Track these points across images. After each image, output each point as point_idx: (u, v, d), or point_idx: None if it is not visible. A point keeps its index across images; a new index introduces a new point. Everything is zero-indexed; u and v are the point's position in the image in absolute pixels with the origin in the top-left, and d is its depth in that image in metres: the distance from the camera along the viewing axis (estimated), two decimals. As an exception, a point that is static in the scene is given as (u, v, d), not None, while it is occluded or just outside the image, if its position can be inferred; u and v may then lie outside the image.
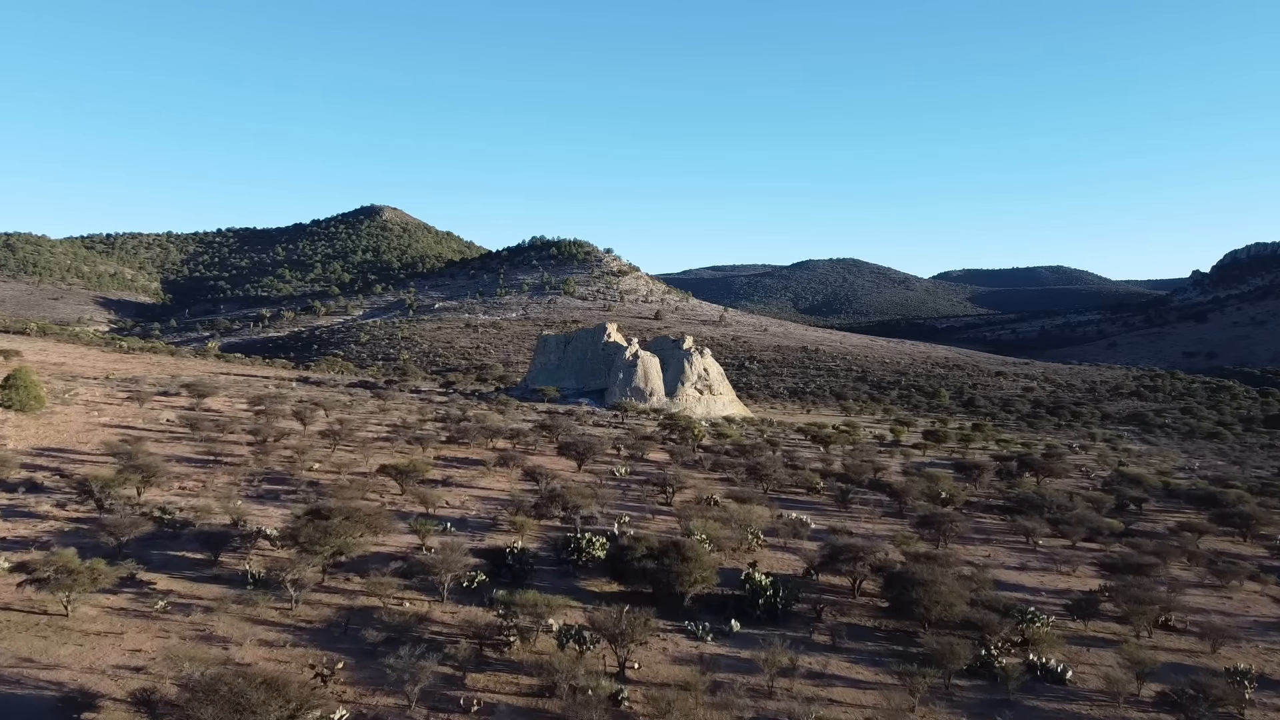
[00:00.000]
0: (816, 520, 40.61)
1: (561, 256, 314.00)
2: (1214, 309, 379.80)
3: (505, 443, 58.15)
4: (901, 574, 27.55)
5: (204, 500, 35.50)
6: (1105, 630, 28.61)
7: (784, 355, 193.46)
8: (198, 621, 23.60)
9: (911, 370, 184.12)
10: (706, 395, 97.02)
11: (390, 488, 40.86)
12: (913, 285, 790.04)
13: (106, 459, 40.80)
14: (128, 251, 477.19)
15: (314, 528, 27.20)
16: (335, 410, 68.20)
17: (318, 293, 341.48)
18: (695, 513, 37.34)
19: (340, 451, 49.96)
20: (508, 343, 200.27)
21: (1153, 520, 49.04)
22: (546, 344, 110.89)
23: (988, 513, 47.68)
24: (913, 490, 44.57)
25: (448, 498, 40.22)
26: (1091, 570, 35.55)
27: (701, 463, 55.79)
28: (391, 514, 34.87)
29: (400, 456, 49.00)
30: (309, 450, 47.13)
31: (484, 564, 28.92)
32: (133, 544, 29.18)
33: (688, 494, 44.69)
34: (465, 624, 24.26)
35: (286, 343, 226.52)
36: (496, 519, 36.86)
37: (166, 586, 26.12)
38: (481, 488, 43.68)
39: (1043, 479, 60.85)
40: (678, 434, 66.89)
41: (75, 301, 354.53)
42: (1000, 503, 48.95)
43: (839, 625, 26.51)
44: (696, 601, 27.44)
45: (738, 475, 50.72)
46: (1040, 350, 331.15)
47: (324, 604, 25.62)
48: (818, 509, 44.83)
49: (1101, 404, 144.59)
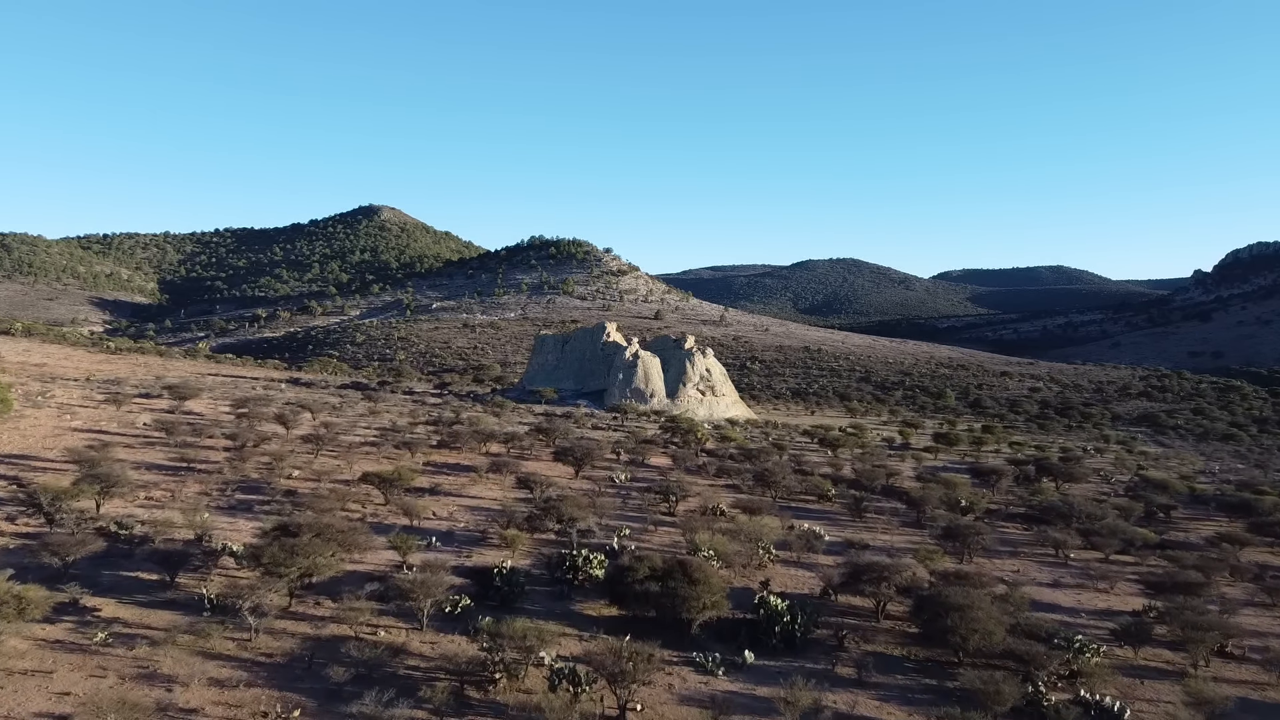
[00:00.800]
0: (830, 531, 37.85)
1: (560, 256, 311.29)
2: (1218, 308, 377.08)
3: (499, 447, 55.41)
4: (933, 597, 24.77)
5: (169, 512, 32.76)
6: (1157, 658, 25.85)
7: (786, 355, 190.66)
8: (142, 656, 20.81)
9: (915, 370, 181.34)
10: (709, 396, 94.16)
11: (373, 497, 38.10)
12: (913, 285, 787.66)
13: (69, 466, 38.04)
14: (124, 252, 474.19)
15: (279, 547, 24.43)
16: (323, 413, 65.44)
17: (314, 293, 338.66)
18: (701, 524, 34.55)
19: (324, 457, 47.19)
20: (506, 343, 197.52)
21: (1184, 529, 46.25)
22: (544, 344, 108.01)
23: (1010, 522, 44.93)
24: (931, 498, 41.79)
25: (435, 508, 37.46)
26: (1132, 588, 32.79)
27: (705, 468, 53.02)
28: (371, 528, 32.13)
29: (387, 463, 46.24)
30: (289, 456, 44.35)
31: (469, 585, 26.19)
32: (81, 563, 26.40)
33: (692, 503, 41.93)
34: (445, 658, 21.52)
35: (282, 343, 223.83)
36: (486, 532, 34.09)
37: (112, 613, 23.34)
38: (472, 496, 40.89)
39: (1062, 484, 58.14)
40: (680, 437, 64.12)
41: (70, 302, 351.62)
42: (1023, 511, 46.21)
43: (865, 657, 23.74)
44: (705, 628, 24.68)
45: (744, 482, 47.94)
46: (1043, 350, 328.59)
47: (288, 633, 22.85)
48: (830, 519, 42.09)
49: (1110, 405, 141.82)
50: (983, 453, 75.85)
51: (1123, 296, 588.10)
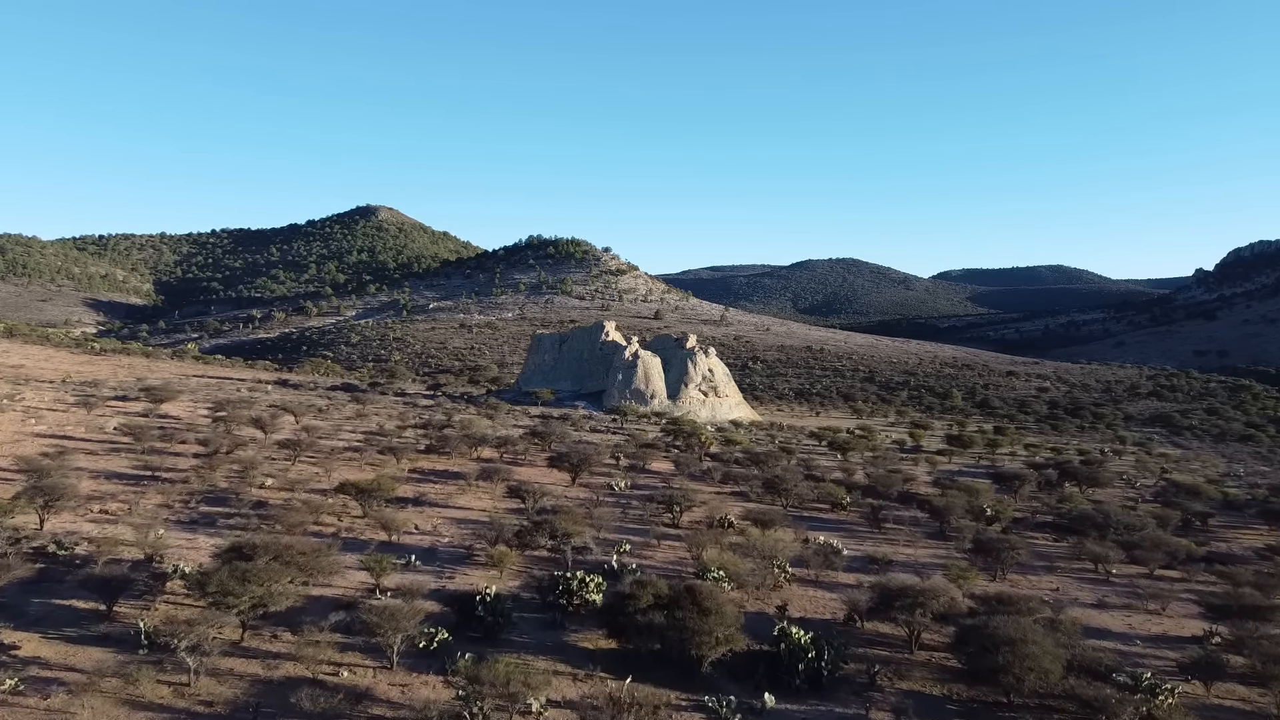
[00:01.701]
0: (848, 544, 34.75)
1: (559, 255, 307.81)
2: (1222, 307, 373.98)
3: (492, 452, 52.29)
4: (979, 629, 21.65)
5: (121, 528, 29.62)
6: (1230, 694, 22.75)
7: (788, 355, 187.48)
8: (55, 708, 17.67)
9: (920, 370, 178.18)
10: (711, 397, 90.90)
11: (350, 509, 34.95)
12: (913, 285, 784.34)
13: (19, 476, 34.89)
14: (120, 253, 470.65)
15: (229, 573, 21.28)
16: (307, 416, 62.27)
17: (310, 294, 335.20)
18: (709, 539, 31.42)
19: (302, 464, 44.03)
20: (503, 343, 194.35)
21: (1225, 539, 43.17)
22: (541, 343, 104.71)
23: (1039, 532, 41.79)
24: (955, 507, 38.65)
25: (417, 520, 34.33)
26: (1186, 608, 29.67)
27: (710, 474, 49.89)
28: (345, 545, 29.00)
29: (369, 470, 43.12)
30: (263, 464, 41.25)
31: (449, 613, 23.08)
32: (9, 590, 23.31)
33: (698, 513, 38.80)
34: (416, 707, 18.38)
35: (276, 344, 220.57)
36: (472, 549, 30.95)
37: (33, 651, 20.20)
38: (458, 507, 37.76)
39: (1086, 489, 55.01)
40: (682, 440, 60.97)
41: (64, 303, 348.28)
42: (1053, 520, 43.04)
43: (903, 699, 20.63)
44: (718, 665, 21.55)
45: (753, 489, 44.84)
46: (1046, 349, 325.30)
47: (235, 675, 19.70)
48: (847, 530, 38.98)
49: (1121, 405, 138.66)
50: (997, 455, 72.72)
51: (1124, 295, 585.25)
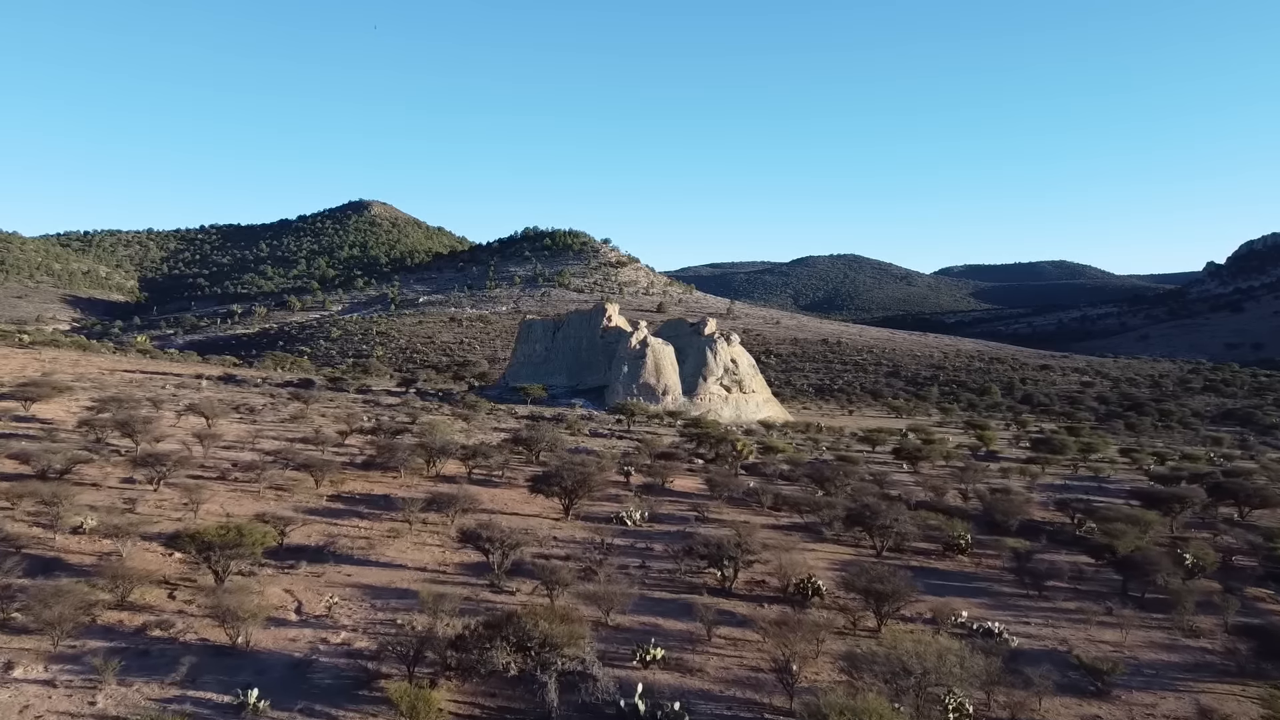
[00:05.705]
0: (1001, 619, 21.04)
1: (556, 247, 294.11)
2: (1247, 299, 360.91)
3: (457, 466, 38.46)
4: None
5: None
6: None
7: (803, 349, 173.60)
8: None
9: (948, 364, 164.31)
10: (735, 393, 76.70)
11: (191, 579, 21.06)
12: (914, 281, 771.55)
13: None
14: (105, 249, 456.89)
15: None
16: (226, 419, 48.34)
17: (295, 288, 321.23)
18: (801, 635, 17.49)
19: (171, 487, 30.06)
20: (495, 338, 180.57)
21: None
22: (531, 331, 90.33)
23: (1254, 585, 27.96)
24: (1162, 562, 24.69)
25: (304, 595, 20.43)
26: None
27: (757, 496, 35.98)
28: (140, 662, 15.07)
29: (266, 498, 29.26)
30: (103, 490, 27.31)
31: None
32: None
33: (758, 569, 24.86)
34: None
35: (253, 340, 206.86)
36: (380, 663, 16.96)
37: None
38: (383, 564, 23.80)
39: (1246, 512, 41.22)
40: (710, 448, 47.07)
41: (41, 300, 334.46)
42: (1262, 567, 29.10)
43: None
44: None
45: (826, 521, 30.88)
46: (1063, 343, 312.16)
47: None
48: (981, 589, 25.13)
49: (1180, 400, 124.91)
50: (1093, 462, 58.79)
51: (1130, 290, 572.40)
